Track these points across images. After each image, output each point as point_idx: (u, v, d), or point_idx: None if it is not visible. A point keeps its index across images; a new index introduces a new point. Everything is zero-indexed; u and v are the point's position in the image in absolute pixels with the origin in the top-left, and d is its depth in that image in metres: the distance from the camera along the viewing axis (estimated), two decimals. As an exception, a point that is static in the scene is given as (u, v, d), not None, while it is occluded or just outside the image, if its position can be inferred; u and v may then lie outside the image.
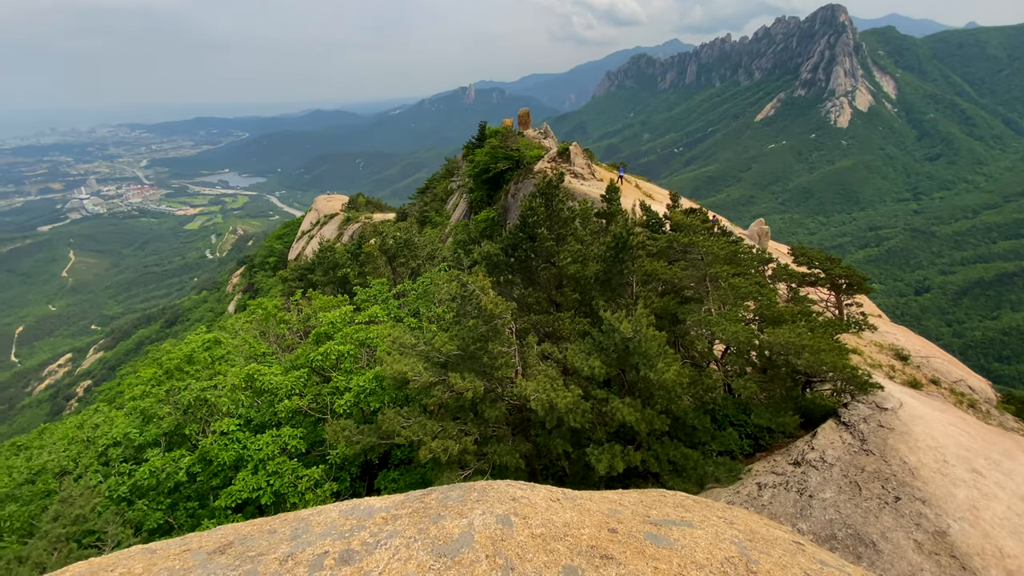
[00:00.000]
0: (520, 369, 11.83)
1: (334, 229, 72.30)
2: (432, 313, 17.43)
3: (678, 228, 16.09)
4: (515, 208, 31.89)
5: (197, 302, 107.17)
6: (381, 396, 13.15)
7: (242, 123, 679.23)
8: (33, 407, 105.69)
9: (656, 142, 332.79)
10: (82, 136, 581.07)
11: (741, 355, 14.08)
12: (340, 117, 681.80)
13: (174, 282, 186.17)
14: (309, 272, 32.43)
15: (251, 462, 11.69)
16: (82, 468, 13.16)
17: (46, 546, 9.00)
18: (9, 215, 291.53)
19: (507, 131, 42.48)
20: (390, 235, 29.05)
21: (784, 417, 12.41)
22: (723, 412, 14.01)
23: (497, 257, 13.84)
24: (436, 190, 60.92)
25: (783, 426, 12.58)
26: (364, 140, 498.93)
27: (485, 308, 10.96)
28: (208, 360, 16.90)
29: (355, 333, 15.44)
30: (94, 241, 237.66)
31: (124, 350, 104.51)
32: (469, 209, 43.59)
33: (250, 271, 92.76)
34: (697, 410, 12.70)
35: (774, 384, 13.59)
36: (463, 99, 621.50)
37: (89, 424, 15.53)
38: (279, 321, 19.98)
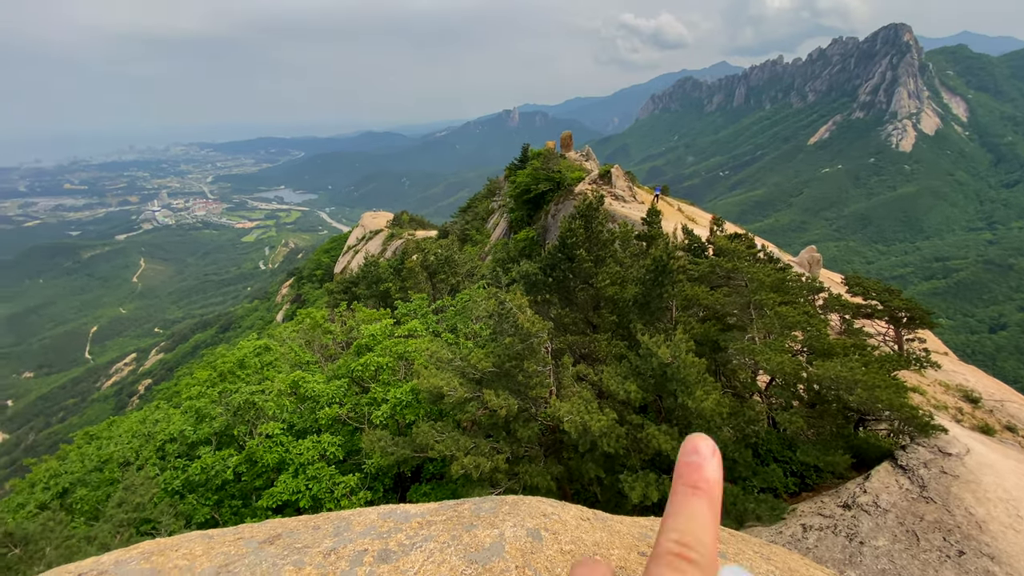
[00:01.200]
0: (555, 389, 11.84)
1: (378, 245, 74.71)
2: (469, 329, 17.72)
3: (722, 253, 15.78)
4: (554, 229, 32.12)
5: (249, 310, 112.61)
6: (417, 409, 13.44)
7: (299, 143, 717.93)
8: (101, 401, 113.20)
9: (700, 165, 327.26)
10: (158, 153, 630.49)
11: (787, 387, 13.54)
12: (389, 138, 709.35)
13: (229, 290, 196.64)
14: (354, 285, 33.63)
15: (292, 465, 12.17)
16: (143, 460, 14.07)
17: (110, 529, 9.67)
18: (92, 224, 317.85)
19: (549, 153, 43.03)
20: (431, 252, 29.85)
21: (833, 456, 11.78)
22: (766, 447, 13.45)
23: (535, 276, 14.01)
24: (477, 209, 62.14)
25: (832, 466, 11.94)
26: (411, 160, 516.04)
27: (522, 326, 11.11)
28: (258, 365, 17.79)
29: (394, 346, 15.90)
30: (162, 250, 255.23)
31: (182, 352, 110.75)
32: (509, 228, 44.19)
33: (298, 283, 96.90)
34: (738, 443, 12.26)
35: (823, 420, 12.96)
36: (507, 122, 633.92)
37: (150, 420, 16.60)
38: (324, 331, 20.81)
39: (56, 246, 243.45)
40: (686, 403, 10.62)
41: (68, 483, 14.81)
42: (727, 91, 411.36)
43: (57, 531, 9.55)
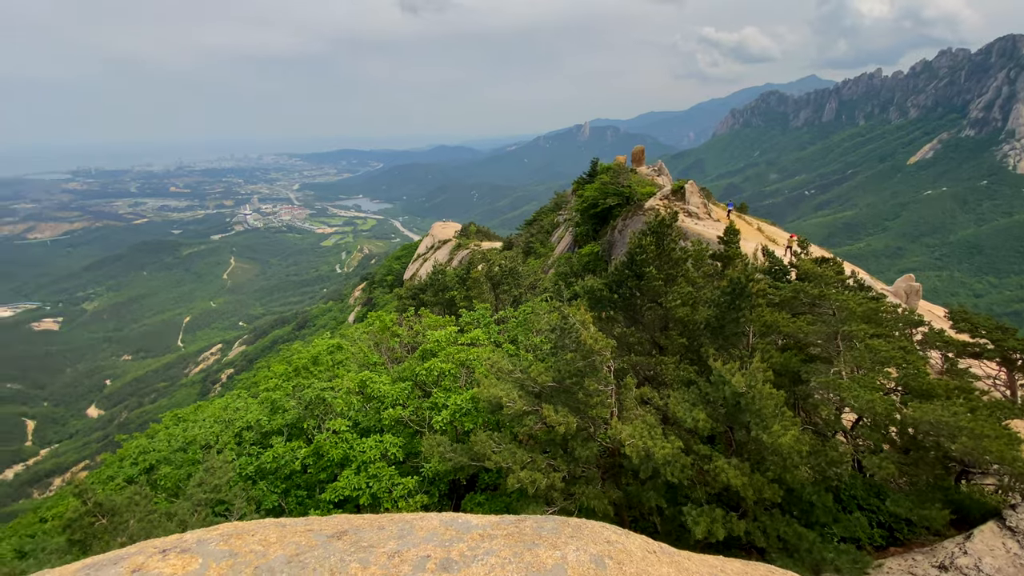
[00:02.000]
0: (616, 411, 11.47)
1: (446, 254, 76.91)
2: (530, 342, 17.67)
3: (806, 277, 14.69)
4: (621, 244, 31.49)
5: (323, 310, 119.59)
6: (475, 417, 13.52)
7: (377, 155, 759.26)
8: (188, 386, 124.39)
9: (783, 183, 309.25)
10: (252, 162, 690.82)
11: (877, 429, 12.26)
12: (461, 152, 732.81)
13: (307, 291, 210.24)
14: (421, 292, 34.72)
15: (355, 462, 12.61)
16: (222, 444, 15.19)
17: (189, 507, 10.47)
18: (192, 224, 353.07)
19: (619, 167, 42.44)
20: (496, 263, 30.24)
21: (929, 510, 10.48)
22: (850, 492, 12.23)
23: (600, 292, 13.74)
24: (543, 222, 62.39)
25: (927, 520, 10.62)
26: (481, 173, 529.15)
27: (584, 343, 10.89)
28: (330, 363, 18.75)
29: (457, 353, 16.16)
30: (250, 250, 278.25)
31: (261, 346, 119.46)
32: (574, 243, 43.91)
33: (370, 287, 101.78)
34: (817, 485, 11.23)
35: (918, 469, 11.58)
36: (577, 136, 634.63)
37: (231, 407, 17.96)
38: (391, 335, 21.58)
39: (160, 243, 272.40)
40: (760, 437, 9.88)
41: (154, 460, 16.23)
42: (816, 106, 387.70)
43: (141, 505, 10.44)
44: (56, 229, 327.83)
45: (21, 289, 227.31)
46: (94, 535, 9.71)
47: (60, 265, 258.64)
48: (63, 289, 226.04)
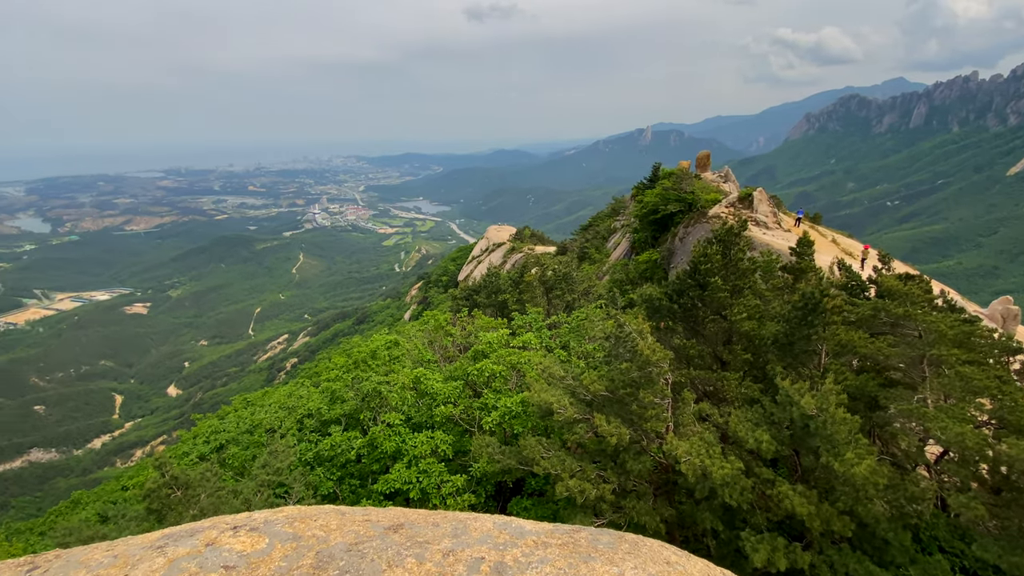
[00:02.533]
0: (671, 426, 11.05)
1: (500, 257, 77.59)
2: (582, 349, 17.41)
3: (888, 295, 13.52)
4: (681, 253, 30.43)
5: (382, 307, 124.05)
6: (525, 421, 13.48)
7: (438, 159, 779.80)
8: (256, 372, 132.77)
9: (862, 192, 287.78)
10: (322, 164, 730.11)
11: (966, 465, 11.05)
12: (519, 156, 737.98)
13: (367, 288, 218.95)
14: (475, 294, 35.17)
15: (407, 456, 12.92)
16: (284, 429, 16.06)
17: (253, 487, 11.12)
18: (266, 221, 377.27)
19: (682, 173, 41.08)
20: (549, 267, 30.10)
21: (1022, 557, 9.34)
22: (931, 532, 11.13)
23: (659, 301, 13.31)
24: (599, 227, 61.50)
25: (1020, 569, 9.46)
26: (537, 177, 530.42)
27: (641, 353, 10.57)
28: (387, 358, 19.37)
29: (508, 356, 16.20)
30: (318, 247, 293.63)
31: (323, 338, 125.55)
32: (631, 249, 42.92)
33: (426, 286, 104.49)
34: (894, 521, 10.28)
35: (1011, 511, 10.35)
36: (638, 140, 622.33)
37: (295, 395, 18.98)
38: (445, 334, 21.99)
39: (237, 237, 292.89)
40: (831, 464, 9.17)
41: (224, 440, 17.38)
42: (902, 110, 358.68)
43: (212, 481, 11.18)
44: (149, 222, 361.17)
45: (117, 275, 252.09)
46: (169, 506, 10.50)
47: (151, 255, 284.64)
48: (152, 277, 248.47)
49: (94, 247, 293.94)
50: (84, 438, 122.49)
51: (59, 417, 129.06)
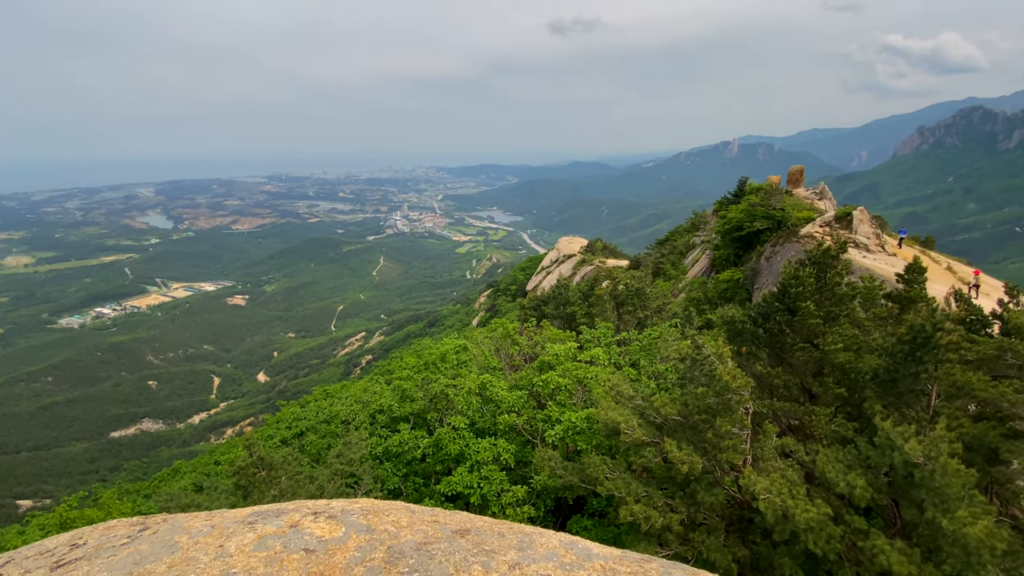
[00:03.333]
0: (750, 459, 10.29)
1: (570, 268, 77.06)
2: (654, 368, 16.76)
3: (1017, 333, 11.75)
4: (767, 273, 28.49)
5: (452, 311, 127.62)
6: (589, 438, 13.17)
7: (514, 170, 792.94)
8: (334, 366, 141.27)
9: (985, 215, 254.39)
10: (406, 173, 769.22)
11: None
12: (595, 168, 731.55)
13: (439, 292, 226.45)
14: (543, 304, 35.14)
15: (470, 460, 13.08)
16: (358, 422, 16.90)
17: (328, 475, 11.78)
18: (353, 225, 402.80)
19: (771, 188, 38.56)
20: (622, 281, 29.38)
21: None
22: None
23: (741, 324, 12.51)
24: (676, 243, 59.23)
25: None
26: (612, 189, 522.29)
27: (719, 378, 9.97)
28: (455, 362, 19.84)
29: (575, 370, 15.96)
30: (397, 252, 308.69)
31: (397, 338, 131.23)
32: (710, 267, 40.89)
33: (495, 294, 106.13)
34: (1018, 597, 8.84)
35: None
36: (723, 153, 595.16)
37: (370, 390, 19.93)
38: (512, 343, 22.14)
39: (326, 239, 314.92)
40: (938, 521, 8.08)
41: (304, 427, 18.59)
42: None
43: (292, 465, 11.98)
44: (252, 222, 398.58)
45: (223, 269, 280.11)
46: (254, 484, 11.38)
47: (252, 252, 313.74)
48: (252, 272, 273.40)
49: (206, 243, 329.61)
50: (186, 413, 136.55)
51: (167, 393, 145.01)
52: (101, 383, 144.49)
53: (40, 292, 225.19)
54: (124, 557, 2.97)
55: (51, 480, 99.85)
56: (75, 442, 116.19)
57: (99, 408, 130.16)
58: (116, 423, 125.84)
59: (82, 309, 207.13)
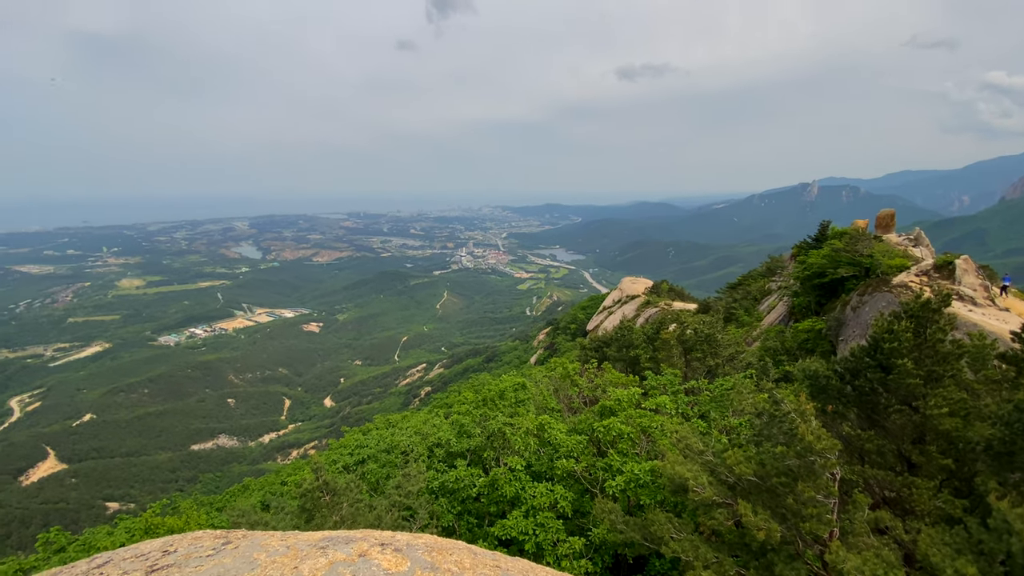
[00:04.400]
0: (837, 532, 9.24)
1: (633, 310, 75.10)
2: (726, 422, 15.70)
3: None
4: (854, 325, 26.21)
5: (510, 348, 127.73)
6: (653, 493, 12.43)
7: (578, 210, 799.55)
8: (395, 395, 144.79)
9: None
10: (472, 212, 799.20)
11: None
12: (661, 209, 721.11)
13: (499, 328, 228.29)
14: (605, 346, 34.34)
15: (525, 505, 12.72)
16: (416, 454, 17.06)
17: (386, 505, 11.90)
18: (421, 261, 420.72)
19: (857, 233, 35.97)
20: (690, 326, 28.14)
21: None
22: None
23: (826, 380, 11.51)
24: (750, 287, 56.28)
25: None
26: (679, 230, 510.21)
27: (801, 437, 9.16)
28: (513, 400, 19.69)
29: (639, 417, 15.29)
30: (460, 287, 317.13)
31: (456, 371, 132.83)
32: (788, 315, 38.33)
33: (554, 332, 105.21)
34: None
35: None
36: (802, 196, 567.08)
37: (430, 422, 20.20)
38: (572, 384, 21.70)
39: (395, 273, 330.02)
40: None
41: (366, 455, 18.96)
42: None
43: (353, 492, 12.21)
44: (331, 256, 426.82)
45: (302, 298, 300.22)
46: (317, 508, 11.70)
47: (329, 283, 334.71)
48: (327, 301, 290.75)
49: (289, 273, 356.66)
50: (257, 432, 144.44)
51: (243, 411, 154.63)
52: (188, 398, 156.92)
53: (146, 312, 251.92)
54: (210, 568, 3.16)
55: (137, 485, 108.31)
56: (161, 451, 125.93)
57: (184, 421, 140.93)
58: (197, 436, 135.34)
59: (179, 329, 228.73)
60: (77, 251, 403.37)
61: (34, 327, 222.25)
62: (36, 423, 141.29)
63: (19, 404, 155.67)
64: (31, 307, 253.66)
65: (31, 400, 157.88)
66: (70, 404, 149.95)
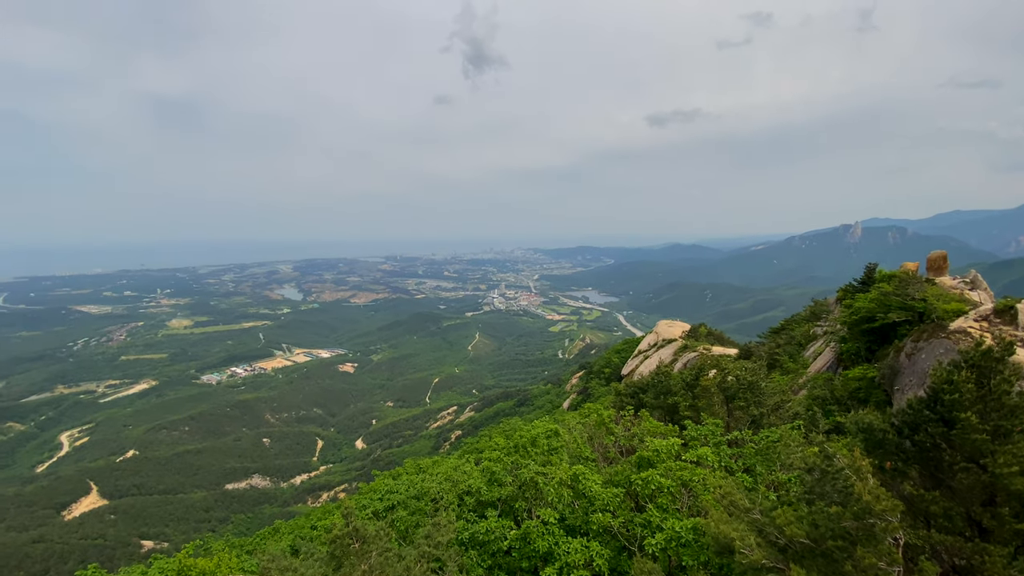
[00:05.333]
0: (906, 604, 8.35)
1: (670, 354, 72.97)
2: (773, 477, 14.74)
3: None
4: (910, 373, 24.56)
5: (542, 391, 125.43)
6: (696, 553, 11.64)
7: (610, 252, 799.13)
8: (425, 438, 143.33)
9: None
10: (505, 254, 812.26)
11: None
12: (696, 251, 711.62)
13: (531, 371, 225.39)
14: (642, 392, 33.29)
15: (559, 561, 12.12)
16: (446, 502, 16.66)
17: (416, 556, 11.57)
18: (454, 302, 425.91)
19: (907, 276, 34.24)
20: (732, 372, 27.02)
21: None
22: None
23: (883, 434, 10.74)
24: (793, 332, 53.90)
25: None
26: (716, 273, 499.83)
27: (858, 497, 8.49)
28: (546, 447, 19.15)
29: (679, 470, 14.57)
30: (492, 328, 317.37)
31: (486, 415, 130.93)
32: (836, 362, 36.31)
33: (587, 376, 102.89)
34: None
35: None
36: (844, 237, 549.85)
37: (460, 469, 19.80)
38: (607, 432, 20.99)
39: (429, 314, 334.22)
40: None
41: (395, 501, 18.61)
42: None
43: (382, 540, 11.94)
44: (368, 297, 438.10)
45: (339, 338, 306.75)
46: (347, 555, 11.47)
47: (365, 323, 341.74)
48: (362, 342, 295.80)
49: (327, 314, 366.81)
50: (290, 473, 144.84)
51: (277, 451, 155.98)
52: (225, 436, 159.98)
53: (191, 351, 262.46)
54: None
55: (172, 524, 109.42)
56: (196, 490, 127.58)
57: (220, 460, 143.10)
58: (231, 476, 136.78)
59: (221, 368, 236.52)
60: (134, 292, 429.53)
61: (89, 364, 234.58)
62: (83, 457, 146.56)
63: (69, 439, 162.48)
64: (88, 345, 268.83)
65: (80, 435, 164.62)
66: (115, 440, 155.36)
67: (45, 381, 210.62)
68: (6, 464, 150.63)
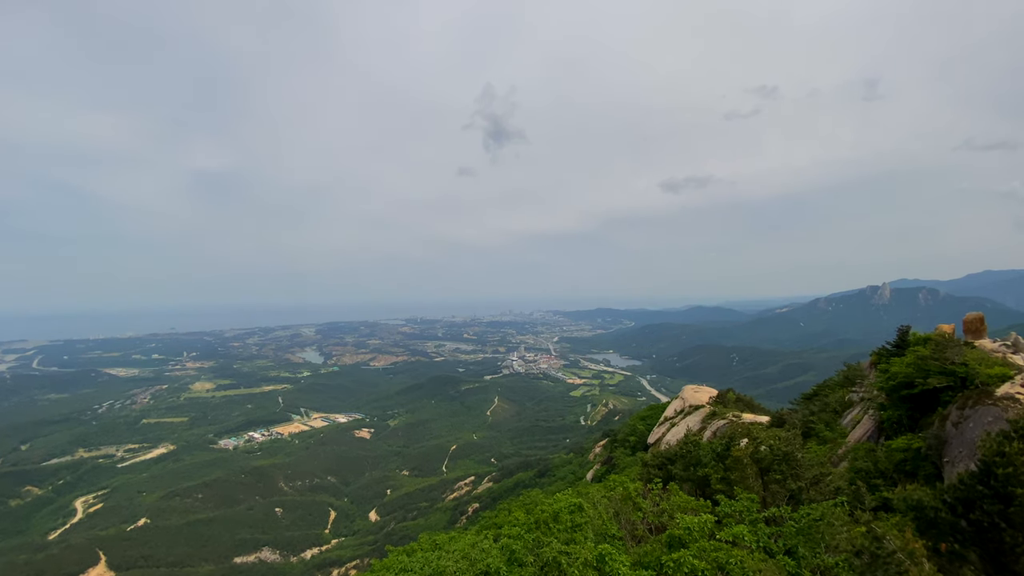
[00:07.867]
0: None
1: (698, 421, 69.93)
2: (818, 561, 13.50)
3: None
4: (958, 443, 22.92)
5: (564, 461, 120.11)
6: (738, 648, 10.52)
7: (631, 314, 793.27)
8: (441, 511, 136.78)
9: None
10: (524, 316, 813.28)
11: None
12: (719, 313, 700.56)
13: (551, 438, 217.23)
14: (670, 463, 31.67)
15: (585, 655, 11.07)
16: (464, 584, 15.61)
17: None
18: (473, 365, 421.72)
19: (944, 339, 32.79)
20: (765, 442, 25.63)
21: None
22: None
23: (935, 512, 9.89)
24: (827, 399, 51.30)
25: None
26: (742, 335, 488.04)
27: (916, 586, 7.69)
28: (569, 524, 18.06)
29: (714, 551, 13.50)
30: (511, 392, 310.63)
31: (505, 486, 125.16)
32: (877, 431, 34.17)
33: (611, 444, 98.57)
34: None
35: None
36: (871, 299, 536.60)
37: (478, 547, 18.69)
38: (635, 507, 19.81)
39: (447, 378, 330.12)
40: None
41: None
42: None
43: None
44: (387, 360, 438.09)
45: (356, 402, 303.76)
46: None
47: (383, 387, 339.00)
48: (380, 406, 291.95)
49: (346, 378, 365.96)
50: (300, 546, 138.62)
51: (289, 522, 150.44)
52: (238, 504, 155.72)
53: (212, 415, 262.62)
54: None
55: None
56: (204, 563, 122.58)
57: (231, 530, 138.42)
58: (241, 548, 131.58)
59: (239, 432, 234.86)
60: (161, 355, 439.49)
61: (111, 427, 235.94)
62: (95, 524, 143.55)
63: (83, 505, 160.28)
64: (112, 408, 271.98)
65: (95, 501, 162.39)
66: (128, 507, 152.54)
67: (67, 444, 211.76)
68: (22, 529, 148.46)
